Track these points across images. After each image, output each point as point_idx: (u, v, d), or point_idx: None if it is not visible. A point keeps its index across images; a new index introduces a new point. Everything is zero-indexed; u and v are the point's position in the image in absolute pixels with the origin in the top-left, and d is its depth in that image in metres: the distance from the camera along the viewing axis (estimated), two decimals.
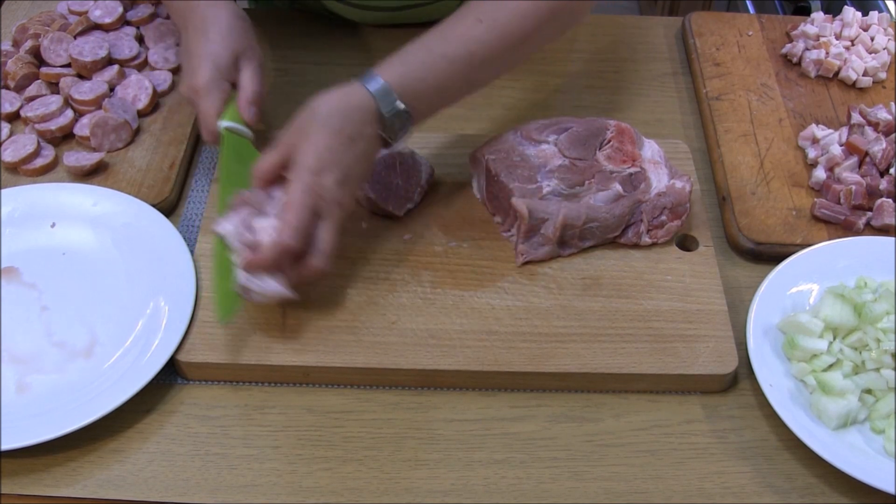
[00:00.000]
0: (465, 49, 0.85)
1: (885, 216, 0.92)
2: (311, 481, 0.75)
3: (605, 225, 0.87)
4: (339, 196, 0.79)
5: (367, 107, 0.81)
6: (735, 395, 0.82)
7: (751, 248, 0.92)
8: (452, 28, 0.87)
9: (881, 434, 0.76)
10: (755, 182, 0.97)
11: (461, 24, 0.86)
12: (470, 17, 0.86)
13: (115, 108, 1.00)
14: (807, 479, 0.76)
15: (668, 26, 1.22)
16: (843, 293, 0.82)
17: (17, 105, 1.02)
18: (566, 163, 0.90)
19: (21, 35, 1.08)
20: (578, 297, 0.85)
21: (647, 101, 1.11)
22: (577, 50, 1.17)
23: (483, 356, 0.80)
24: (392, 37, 1.16)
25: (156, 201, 0.93)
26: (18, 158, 0.96)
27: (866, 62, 1.09)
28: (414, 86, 0.83)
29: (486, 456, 0.77)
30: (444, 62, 0.84)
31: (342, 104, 0.80)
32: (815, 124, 1.02)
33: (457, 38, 0.86)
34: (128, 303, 0.85)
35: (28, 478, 0.75)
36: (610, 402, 0.81)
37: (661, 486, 0.75)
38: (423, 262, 0.88)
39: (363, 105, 0.81)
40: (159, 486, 0.74)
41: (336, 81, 0.82)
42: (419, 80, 0.83)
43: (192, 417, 0.79)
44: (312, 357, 0.80)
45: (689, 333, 0.82)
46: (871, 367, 0.78)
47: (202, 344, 0.81)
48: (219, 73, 0.88)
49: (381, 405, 0.80)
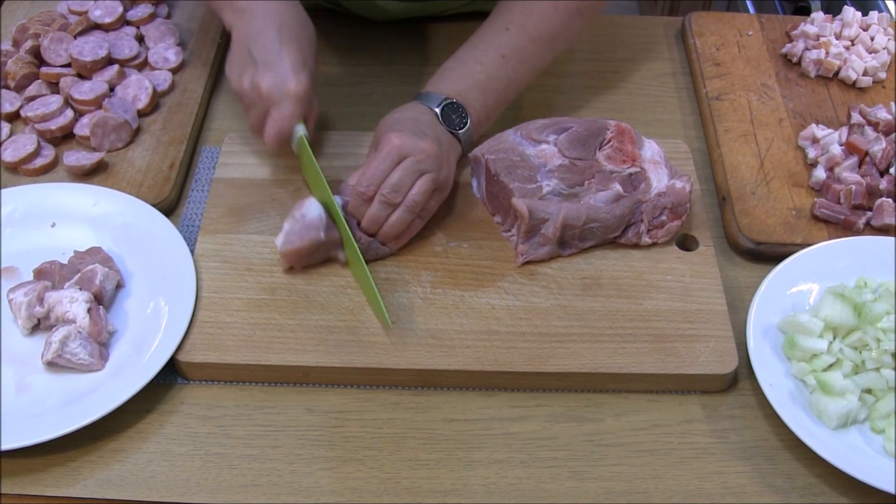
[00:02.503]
0: (498, 53, 0.92)
1: (885, 216, 0.92)
2: (311, 481, 0.75)
3: (605, 225, 0.87)
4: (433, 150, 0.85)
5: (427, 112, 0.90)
6: (735, 395, 0.82)
7: (751, 248, 0.92)
8: (482, 37, 0.94)
9: (881, 434, 0.76)
10: (755, 182, 0.97)
11: (490, 32, 0.94)
12: (497, 25, 0.94)
13: (115, 107, 1.00)
14: (807, 478, 0.76)
15: (668, 26, 1.22)
16: (843, 293, 0.82)
17: (17, 105, 1.02)
18: (566, 163, 0.90)
19: (21, 35, 1.08)
20: (578, 297, 0.85)
21: (647, 101, 1.11)
22: (577, 50, 1.17)
23: (483, 356, 0.80)
24: (402, 33, 1.17)
25: (156, 201, 0.93)
26: (18, 158, 0.96)
27: (866, 62, 1.09)
28: (457, 88, 0.91)
29: (486, 456, 0.77)
30: (479, 66, 0.92)
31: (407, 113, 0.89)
32: (815, 124, 1.02)
33: (486, 44, 0.93)
34: (127, 303, 0.85)
35: (28, 478, 0.75)
36: (610, 402, 0.81)
37: (661, 486, 0.75)
38: (423, 262, 0.88)
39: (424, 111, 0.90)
40: (159, 486, 0.74)
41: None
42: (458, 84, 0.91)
43: (192, 417, 0.79)
44: (312, 357, 0.80)
45: (689, 333, 0.82)
46: (871, 367, 0.78)
47: (202, 344, 0.81)
48: (311, 88, 0.88)
49: (381, 405, 0.80)
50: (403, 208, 0.85)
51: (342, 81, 1.11)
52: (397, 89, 0.98)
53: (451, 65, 0.94)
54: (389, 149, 0.84)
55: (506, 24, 0.94)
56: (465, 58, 0.94)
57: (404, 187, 0.84)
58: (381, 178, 0.84)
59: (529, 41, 0.93)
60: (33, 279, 0.85)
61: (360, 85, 1.11)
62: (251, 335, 0.82)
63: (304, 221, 0.84)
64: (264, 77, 0.86)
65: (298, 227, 0.84)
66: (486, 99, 0.92)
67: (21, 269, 0.87)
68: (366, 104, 1.08)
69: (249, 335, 0.82)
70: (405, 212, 0.85)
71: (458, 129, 0.90)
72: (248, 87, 0.88)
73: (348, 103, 1.08)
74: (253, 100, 0.88)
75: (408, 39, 1.17)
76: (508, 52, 0.93)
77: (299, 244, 0.84)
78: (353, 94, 1.09)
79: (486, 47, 0.93)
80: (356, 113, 1.07)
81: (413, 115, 0.89)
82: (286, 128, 0.87)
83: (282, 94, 0.86)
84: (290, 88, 0.86)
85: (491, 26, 0.95)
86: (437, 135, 0.88)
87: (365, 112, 1.06)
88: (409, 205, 0.85)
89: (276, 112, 0.87)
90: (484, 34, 0.95)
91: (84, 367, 0.79)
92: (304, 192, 0.94)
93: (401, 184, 0.84)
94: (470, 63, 0.93)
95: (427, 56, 1.14)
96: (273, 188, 0.94)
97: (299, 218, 0.85)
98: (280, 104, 0.86)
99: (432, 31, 1.18)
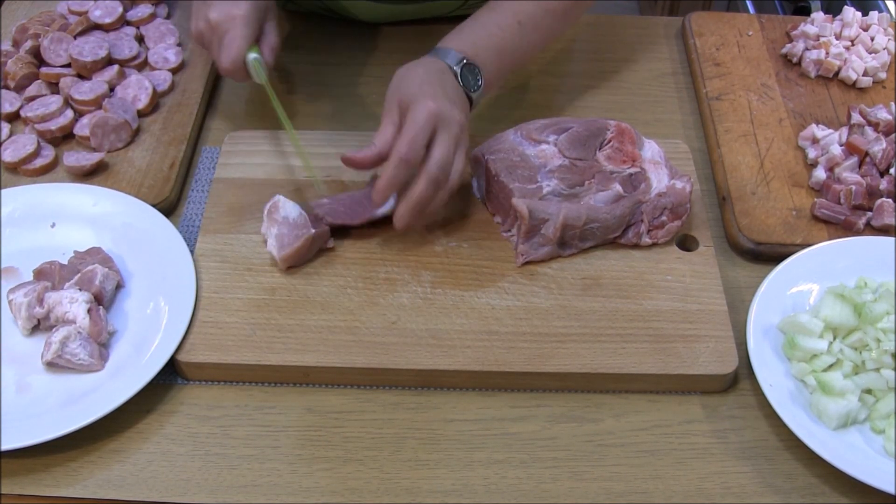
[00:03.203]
0: (515, 20, 0.94)
1: (885, 216, 0.92)
2: (311, 481, 0.75)
3: (605, 225, 0.87)
4: (463, 120, 0.85)
5: (447, 70, 0.89)
6: (735, 395, 0.82)
7: (751, 248, 0.92)
8: (500, 3, 0.96)
9: (881, 434, 0.76)
10: (755, 182, 0.97)
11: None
12: None
13: (115, 108, 1.00)
14: (807, 479, 0.76)
15: (668, 26, 1.22)
16: (843, 293, 0.81)
17: (17, 105, 1.02)
18: (566, 163, 0.90)
19: (21, 35, 1.08)
20: (578, 297, 0.85)
21: (647, 101, 1.11)
22: (577, 50, 1.17)
23: (483, 356, 0.80)
24: (394, 35, 1.17)
25: (156, 201, 0.93)
26: (18, 158, 0.96)
27: (866, 62, 1.09)
28: (475, 49, 0.91)
29: (486, 456, 0.77)
30: (497, 29, 0.94)
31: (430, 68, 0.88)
32: (815, 124, 1.02)
33: (504, 9, 0.95)
34: (127, 303, 0.85)
35: (28, 478, 0.75)
36: (610, 402, 0.81)
37: (661, 486, 0.75)
38: (423, 262, 0.88)
39: (444, 69, 0.89)
40: (159, 486, 0.74)
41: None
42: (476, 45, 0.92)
43: (192, 417, 0.79)
44: (312, 357, 0.80)
45: (689, 333, 0.82)
46: (871, 367, 0.78)
47: (202, 344, 0.81)
48: (255, 12, 0.91)
49: (381, 405, 0.80)
50: (446, 189, 0.85)
51: (339, 82, 1.11)
52: None
53: (469, 24, 0.95)
54: (427, 115, 0.82)
55: None
56: (483, 20, 0.95)
57: (449, 165, 0.84)
58: (422, 145, 0.83)
59: (544, 11, 0.96)
60: (33, 279, 0.85)
61: (358, 86, 1.11)
62: (251, 335, 0.82)
63: (290, 222, 0.85)
64: (212, 10, 0.90)
65: (287, 230, 0.85)
66: (500, 62, 0.94)
67: (21, 270, 0.87)
68: (363, 105, 1.08)
69: (249, 335, 0.82)
70: (446, 193, 0.86)
71: (472, 90, 0.91)
72: (203, 26, 0.92)
73: (346, 104, 1.08)
74: (209, 37, 0.92)
75: (404, 41, 1.17)
76: (524, 20, 0.95)
77: (296, 245, 0.84)
78: (350, 94, 1.09)
79: (504, 11, 0.95)
80: (353, 113, 1.07)
81: (436, 74, 0.88)
82: (235, 50, 0.90)
83: (227, 20, 0.90)
84: (234, 12, 0.90)
85: None
86: (459, 97, 0.88)
87: (362, 113, 1.06)
88: (451, 186, 0.85)
89: (226, 39, 0.90)
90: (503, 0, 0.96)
91: (84, 368, 0.79)
92: (304, 192, 0.94)
93: (446, 161, 0.83)
94: (489, 25, 0.94)
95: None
96: (273, 188, 0.94)
97: (282, 220, 0.85)
98: (228, 31, 0.90)
99: (429, 32, 1.18)
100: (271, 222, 0.86)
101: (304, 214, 0.86)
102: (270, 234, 0.86)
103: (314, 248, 0.87)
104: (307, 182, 0.95)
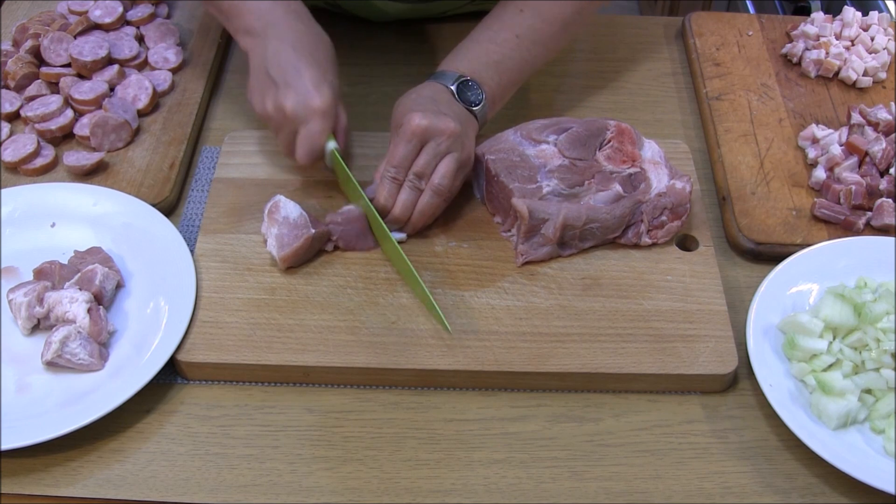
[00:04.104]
0: (512, 33, 0.93)
1: (885, 216, 0.92)
2: (311, 481, 0.75)
3: (605, 225, 0.87)
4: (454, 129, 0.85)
5: (443, 90, 0.90)
6: (735, 395, 0.82)
7: (751, 248, 0.92)
8: (496, 17, 0.95)
9: (881, 434, 0.76)
10: (755, 182, 0.97)
11: (504, 13, 0.95)
12: (512, 6, 0.95)
13: (115, 107, 1.00)
14: (807, 478, 0.76)
15: (668, 26, 1.22)
16: (843, 293, 0.81)
17: (17, 105, 1.02)
18: (566, 163, 0.90)
19: (21, 35, 1.08)
20: (578, 297, 0.85)
21: (647, 101, 1.11)
22: (577, 50, 1.17)
23: (483, 356, 0.80)
24: (401, 33, 1.17)
25: (156, 201, 0.93)
26: (18, 158, 0.96)
27: (866, 62, 1.09)
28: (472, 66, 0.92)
29: (486, 456, 0.77)
30: (494, 45, 0.93)
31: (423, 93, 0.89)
32: (815, 124, 1.02)
33: (501, 25, 0.94)
34: (127, 303, 0.85)
35: (28, 478, 0.75)
36: (610, 402, 0.81)
37: (661, 486, 0.75)
38: (423, 262, 0.88)
39: (440, 89, 0.90)
40: (159, 485, 0.74)
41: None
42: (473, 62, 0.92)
43: (192, 417, 0.79)
44: (312, 357, 0.80)
45: (689, 333, 0.82)
46: (871, 367, 0.78)
47: (202, 344, 0.81)
48: (335, 101, 0.87)
49: (381, 405, 0.80)
50: (431, 193, 0.86)
51: (346, 81, 1.11)
52: (397, 90, 0.98)
53: (465, 44, 0.95)
54: (413, 130, 0.84)
55: (520, 6, 0.95)
56: (479, 37, 0.94)
57: (430, 170, 0.85)
58: (409, 162, 0.85)
59: (543, 23, 0.95)
60: (33, 279, 0.85)
61: (360, 85, 1.11)
62: (251, 335, 0.82)
63: (290, 222, 0.85)
64: (286, 97, 0.85)
65: (287, 230, 0.85)
66: (500, 77, 0.93)
67: (21, 269, 0.87)
68: (365, 104, 1.08)
69: (249, 335, 0.82)
70: (433, 196, 0.86)
71: (473, 105, 0.91)
72: (273, 111, 0.87)
73: (348, 103, 1.08)
74: (280, 122, 0.87)
75: (407, 40, 1.17)
76: (522, 33, 0.94)
77: (296, 245, 0.84)
78: (352, 94, 1.09)
79: (501, 27, 0.94)
80: (356, 113, 1.06)
81: (430, 94, 0.89)
82: (317, 145, 0.87)
83: (307, 112, 0.85)
84: (314, 105, 0.85)
85: (505, 8, 0.96)
86: (456, 112, 0.88)
87: (364, 112, 1.06)
88: (436, 189, 0.86)
89: (304, 131, 0.86)
90: (498, 15, 0.95)
91: (84, 367, 0.79)
92: (303, 192, 0.94)
93: (426, 167, 0.85)
94: (484, 42, 0.94)
95: (426, 57, 1.14)
96: (273, 188, 0.94)
97: (282, 220, 0.85)
98: (307, 122, 0.85)
99: (432, 31, 1.18)
100: (271, 222, 0.86)
101: (305, 214, 0.86)
102: (270, 234, 0.86)
103: (314, 248, 0.87)
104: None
